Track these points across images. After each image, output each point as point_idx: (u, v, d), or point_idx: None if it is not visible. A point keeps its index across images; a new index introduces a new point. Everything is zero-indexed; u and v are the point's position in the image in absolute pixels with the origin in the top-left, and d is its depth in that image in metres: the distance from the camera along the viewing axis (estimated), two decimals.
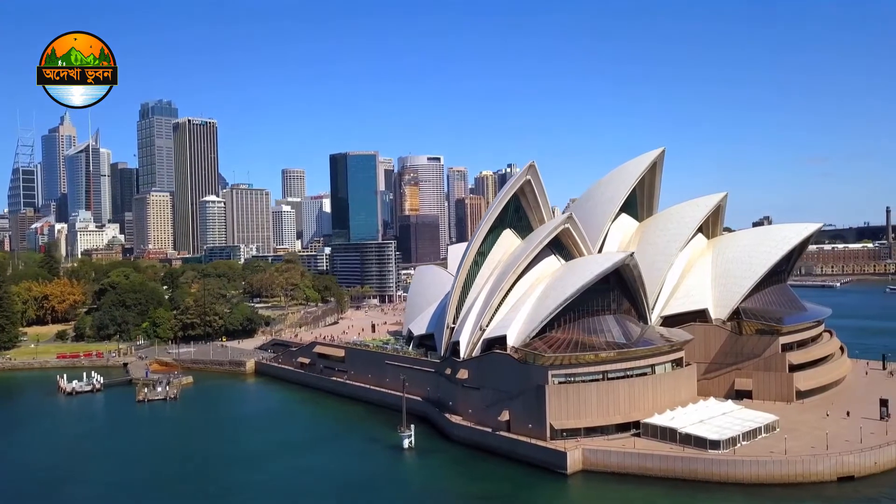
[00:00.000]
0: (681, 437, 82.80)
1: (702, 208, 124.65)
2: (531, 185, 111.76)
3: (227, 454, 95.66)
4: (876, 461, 78.76)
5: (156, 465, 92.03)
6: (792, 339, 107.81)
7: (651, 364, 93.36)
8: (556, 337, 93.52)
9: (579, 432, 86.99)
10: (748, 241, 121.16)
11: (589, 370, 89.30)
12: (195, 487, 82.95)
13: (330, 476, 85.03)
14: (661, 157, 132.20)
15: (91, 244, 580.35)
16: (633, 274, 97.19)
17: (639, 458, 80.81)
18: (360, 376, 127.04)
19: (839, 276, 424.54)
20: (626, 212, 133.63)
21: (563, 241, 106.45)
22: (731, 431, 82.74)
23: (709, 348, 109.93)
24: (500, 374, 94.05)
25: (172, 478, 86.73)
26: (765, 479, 76.53)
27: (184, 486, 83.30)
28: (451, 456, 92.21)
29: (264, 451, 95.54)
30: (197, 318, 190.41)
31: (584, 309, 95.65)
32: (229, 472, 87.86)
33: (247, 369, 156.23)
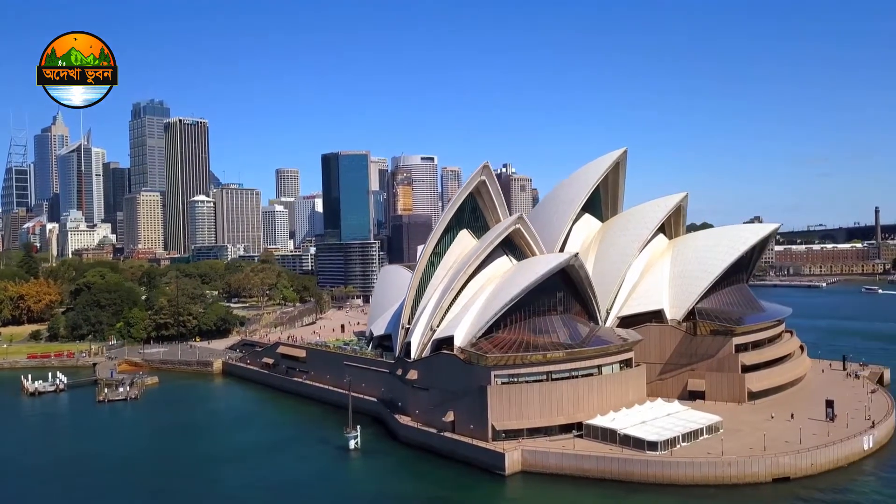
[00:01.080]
0: (620, 438, 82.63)
1: (662, 209, 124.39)
2: (486, 186, 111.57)
3: (169, 457, 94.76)
4: (812, 462, 78.57)
5: (91, 469, 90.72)
6: (746, 340, 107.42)
7: (598, 365, 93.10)
8: (502, 337, 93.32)
9: (522, 433, 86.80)
10: (706, 241, 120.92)
11: (533, 371, 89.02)
12: (116, 492, 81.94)
13: (266, 478, 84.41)
14: (623, 157, 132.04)
15: (82, 244, 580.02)
16: (579, 274, 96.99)
17: (576, 460, 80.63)
18: (320, 377, 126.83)
19: (827, 276, 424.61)
20: (589, 212, 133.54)
21: (516, 241, 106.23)
22: (671, 433, 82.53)
23: (664, 349, 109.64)
24: (446, 375, 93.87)
25: (98, 483, 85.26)
26: (699, 480, 76.33)
27: (103, 492, 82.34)
28: (396, 457, 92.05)
29: (207, 453, 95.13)
30: (170, 318, 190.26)
31: (532, 309, 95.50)
32: (163, 476, 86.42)
33: (214, 370, 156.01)
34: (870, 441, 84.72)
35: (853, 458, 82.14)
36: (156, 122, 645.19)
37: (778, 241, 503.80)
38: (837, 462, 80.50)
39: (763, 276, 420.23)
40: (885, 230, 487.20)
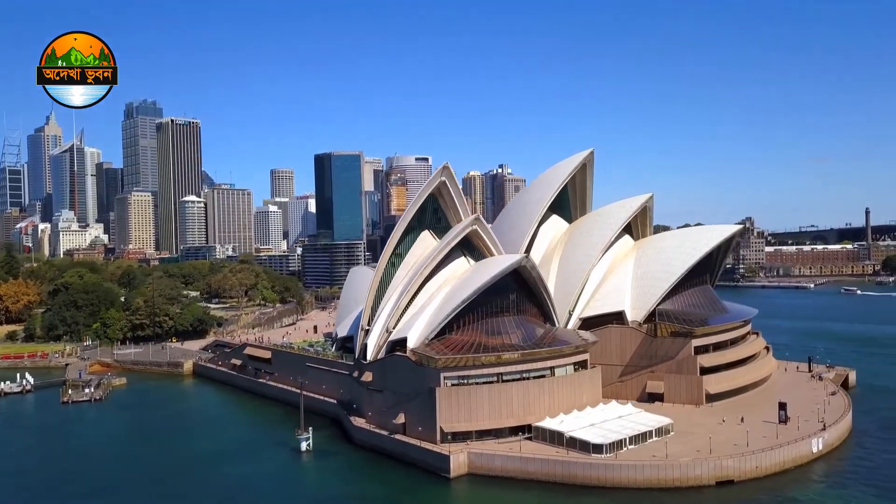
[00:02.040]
0: (567, 440, 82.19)
1: (626, 210, 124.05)
2: (447, 187, 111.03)
3: (117, 461, 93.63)
4: (758, 465, 78.15)
5: (36, 473, 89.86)
6: (707, 342, 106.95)
7: (550, 367, 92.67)
8: (454, 339, 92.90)
9: (471, 435, 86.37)
10: (669, 242, 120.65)
11: (483, 372, 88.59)
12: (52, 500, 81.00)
13: (212, 481, 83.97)
14: (590, 158, 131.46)
15: (73, 244, 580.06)
16: (531, 275, 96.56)
17: (521, 462, 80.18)
18: (285, 378, 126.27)
19: (817, 277, 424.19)
20: (558, 213, 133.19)
21: (475, 242, 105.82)
22: (618, 435, 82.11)
23: (624, 351, 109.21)
24: (399, 377, 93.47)
25: (39, 487, 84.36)
26: (642, 483, 75.90)
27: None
28: (347, 459, 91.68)
29: (157, 457, 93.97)
30: (146, 318, 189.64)
31: (485, 311, 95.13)
32: (107, 481, 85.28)
33: (184, 371, 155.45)
34: (819, 444, 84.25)
35: (801, 461, 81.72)
36: (148, 122, 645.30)
37: (769, 241, 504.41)
38: (784, 465, 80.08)
39: (752, 277, 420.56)
40: (876, 231, 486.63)
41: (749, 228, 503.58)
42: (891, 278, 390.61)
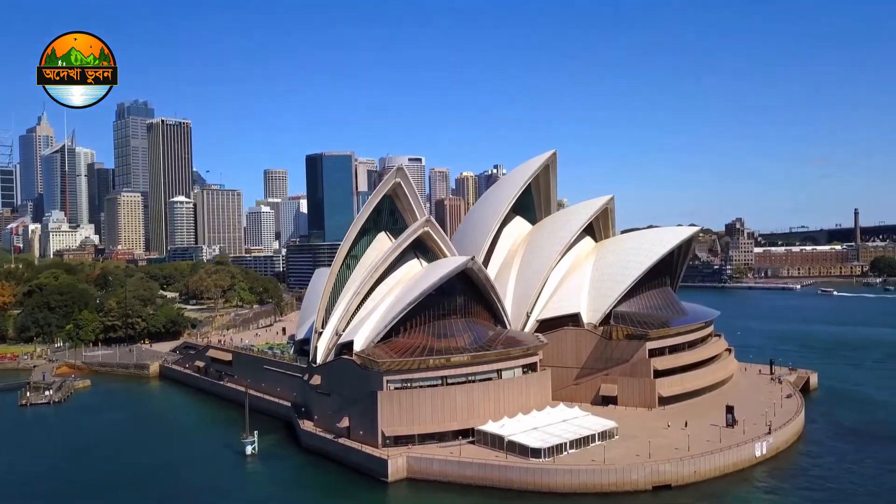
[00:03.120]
0: (507, 444, 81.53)
1: (586, 212, 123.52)
2: (402, 188, 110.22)
3: (61, 465, 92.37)
4: (696, 470, 77.48)
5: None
6: (662, 345, 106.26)
7: (497, 369, 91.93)
8: (401, 342, 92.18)
9: (413, 439, 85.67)
10: (629, 244, 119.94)
11: (427, 375, 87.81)
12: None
13: (149, 485, 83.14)
14: (553, 160, 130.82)
15: (63, 244, 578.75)
16: (479, 277, 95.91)
17: (459, 467, 79.45)
18: (244, 381, 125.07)
19: (805, 278, 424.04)
20: (522, 214, 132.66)
21: (427, 244, 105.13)
22: (558, 439, 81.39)
23: (580, 353, 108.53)
24: (345, 380, 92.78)
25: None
26: (578, 488, 75.18)
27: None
28: (291, 463, 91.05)
29: (100, 464, 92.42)
30: (118, 320, 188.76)
31: (433, 313, 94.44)
32: (49, 487, 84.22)
33: (150, 372, 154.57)
34: (763, 448, 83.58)
35: (743, 466, 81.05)
36: (140, 122, 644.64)
37: (760, 242, 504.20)
38: (724, 469, 79.38)
39: (740, 279, 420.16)
40: (866, 232, 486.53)
41: (739, 229, 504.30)
42: (878, 279, 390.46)
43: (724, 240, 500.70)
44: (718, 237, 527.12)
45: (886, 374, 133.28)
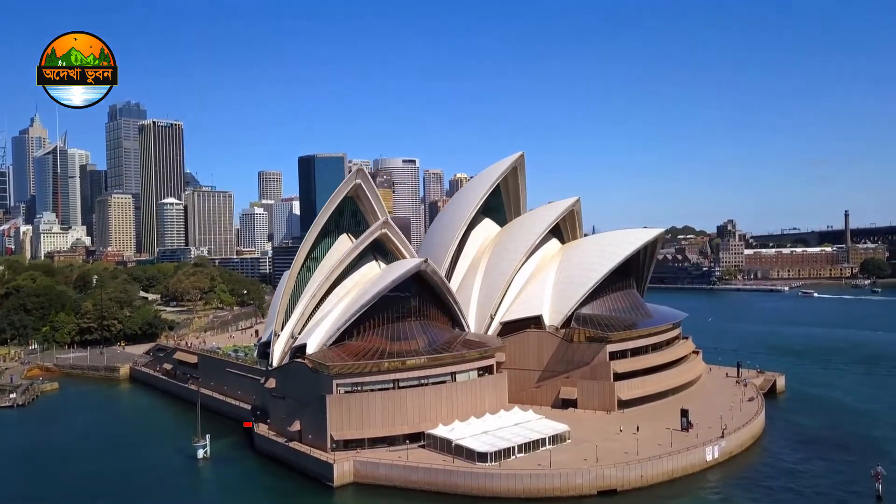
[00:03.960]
0: (454, 448, 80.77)
1: (552, 213, 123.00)
2: (363, 189, 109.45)
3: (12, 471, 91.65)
4: (642, 474, 76.71)
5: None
6: (623, 347, 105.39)
7: (451, 372, 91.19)
8: (354, 345, 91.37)
9: (363, 443, 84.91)
10: (593, 246, 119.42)
11: (378, 379, 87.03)
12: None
13: (92, 489, 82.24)
14: (521, 161, 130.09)
15: (55, 246, 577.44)
16: (433, 280, 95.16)
17: (405, 471, 78.69)
18: (208, 384, 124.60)
19: (795, 279, 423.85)
20: (491, 216, 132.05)
21: (387, 246, 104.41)
22: (507, 443, 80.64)
23: (542, 356, 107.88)
24: (298, 384, 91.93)
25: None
26: (521, 493, 74.44)
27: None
28: (242, 467, 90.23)
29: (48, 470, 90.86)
30: (94, 322, 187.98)
31: (388, 316, 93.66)
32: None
33: (120, 375, 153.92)
34: (714, 452, 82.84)
35: (692, 470, 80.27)
36: (132, 124, 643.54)
37: (751, 244, 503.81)
38: (673, 474, 78.67)
39: (729, 281, 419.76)
40: (857, 234, 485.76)
41: (731, 231, 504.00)
42: (866, 281, 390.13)
43: (714, 242, 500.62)
44: (710, 239, 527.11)
45: (856, 378, 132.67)
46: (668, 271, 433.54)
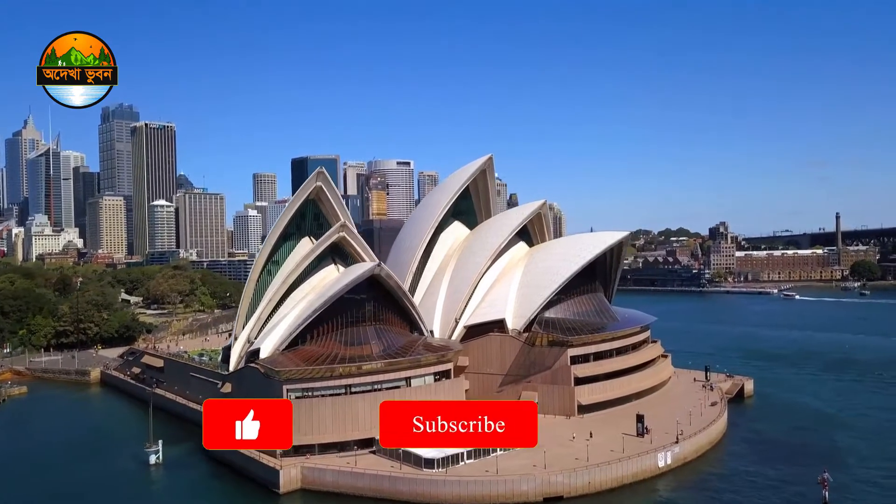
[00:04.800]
0: (403, 455, 79.89)
1: (518, 216, 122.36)
2: (325, 192, 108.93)
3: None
4: (590, 481, 75.92)
5: None
6: (586, 351, 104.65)
7: (407, 377, 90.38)
8: (308, 349, 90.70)
9: (314, 449, 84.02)
10: (558, 249, 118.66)
11: (329, 384, 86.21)
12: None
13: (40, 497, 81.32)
14: (489, 164, 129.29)
15: (46, 248, 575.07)
16: (389, 284, 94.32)
17: (352, 478, 77.87)
18: (172, 388, 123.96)
19: (785, 282, 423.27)
20: (460, 219, 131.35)
21: (346, 249, 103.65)
22: (456, 449, 79.57)
23: (504, 360, 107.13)
24: (251, 389, 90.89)
25: None
26: (466, 499, 73.72)
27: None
28: (193, 473, 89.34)
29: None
30: (70, 325, 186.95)
31: (343, 320, 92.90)
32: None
33: (91, 379, 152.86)
34: (667, 458, 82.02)
35: (643, 476, 79.49)
36: (125, 126, 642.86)
37: (743, 246, 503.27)
38: (622, 480, 77.85)
39: (720, 283, 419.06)
40: (849, 236, 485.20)
41: (723, 234, 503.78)
42: (856, 284, 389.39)
43: (706, 244, 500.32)
44: (703, 241, 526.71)
45: (826, 381, 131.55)
46: (659, 273, 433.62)
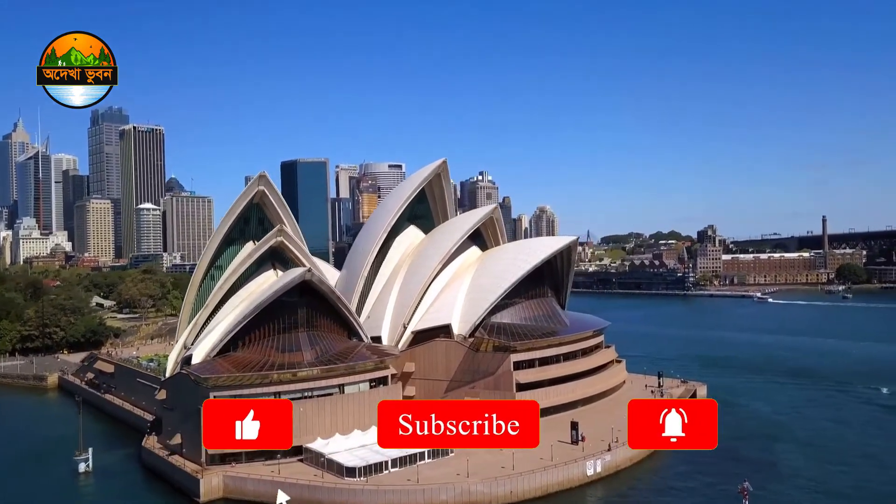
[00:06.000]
0: (326, 463, 78.85)
1: (469, 220, 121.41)
2: (268, 196, 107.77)
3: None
4: (512, 489, 74.91)
5: None
6: (531, 357, 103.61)
7: (340, 384, 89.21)
8: (239, 356, 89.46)
9: (241, 457, 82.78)
10: (507, 254, 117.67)
11: (257, 391, 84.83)
12: None
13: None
14: (443, 168, 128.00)
15: (34, 251, 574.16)
16: (322, 289, 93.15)
17: (272, 486, 76.25)
18: (121, 394, 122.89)
19: (771, 285, 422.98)
20: (417, 224, 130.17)
21: (286, 254, 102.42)
22: (381, 457, 78.54)
23: (450, 365, 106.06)
24: (183, 396, 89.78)
25: None
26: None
27: None
28: (121, 481, 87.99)
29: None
30: (36, 329, 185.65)
31: (276, 326, 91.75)
32: None
33: (48, 384, 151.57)
34: (597, 466, 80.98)
35: (570, 485, 78.47)
36: (114, 129, 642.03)
37: (731, 250, 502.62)
38: (547, 489, 76.84)
39: (705, 286, 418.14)
40: (836, 239, 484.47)
41: (711, 237, 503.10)
42: (840, 287, 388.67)
43: (694, 247, 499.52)
44: (690, 245, 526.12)
45: (783, 388, 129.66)
46: (644, 277, 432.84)
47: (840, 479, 79.29)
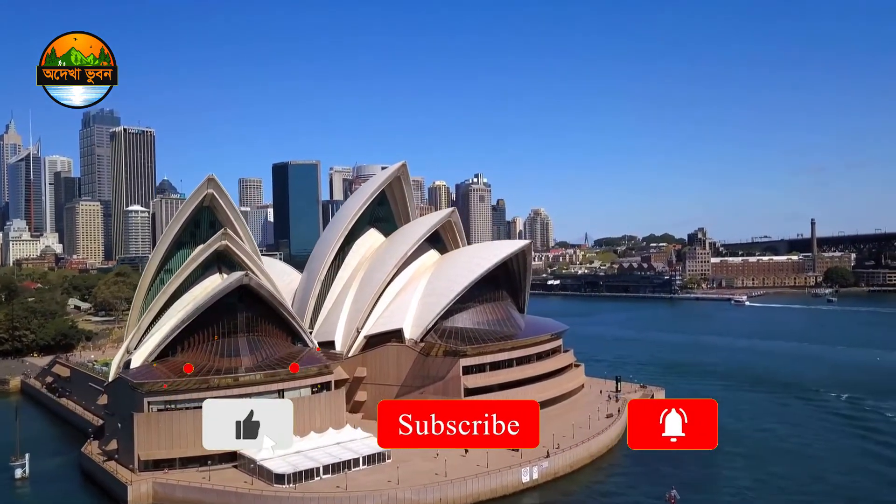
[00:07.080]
0: (257, 469, 77.87)
1: (426, 224, 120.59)
2: (217, 199, 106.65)
3: None
4: (441, 497, 74.18)
5: None
6: (481, 361, 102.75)
7: (279, 389, 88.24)
8: (177, 361, 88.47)
9: (174, 463, 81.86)
10: (462, 258, 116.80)
11: (192, 396, 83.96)
12: None
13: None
14: (403, 171, 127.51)
15: (24, 253, 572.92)
16: (263, 294, 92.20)
17: (200, 493, 75.71)
18: (75, 398, 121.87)
19: (759, 288, 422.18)
20: (378, 227, 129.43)
21: (232, 258, 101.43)
22: (313, 463, 77.72)
23: (401, 370, 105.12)
24: (122, 401, 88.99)
25: None
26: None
27: None
28: (56, 487, 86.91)
29: None
30: (5, 332, 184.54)
31: (216, 331, 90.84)
32: None
33: (10, 388, 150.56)
34: (533, 473, 79.97)
35: (504, 492, 77.57)
36: (105, 131, 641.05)
37: (721, 252, 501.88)
38: (479, 496, 75.93)
39: (693, 289, 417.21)
40: (825, 242, 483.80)
41: (701, 239, 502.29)
42: (827, 290, 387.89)
43: (684, 250, 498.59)
44: (680, 247, 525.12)
45: (742, 393, 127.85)
46: (632, 280, 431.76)
47: (773, 488, 78.28)
